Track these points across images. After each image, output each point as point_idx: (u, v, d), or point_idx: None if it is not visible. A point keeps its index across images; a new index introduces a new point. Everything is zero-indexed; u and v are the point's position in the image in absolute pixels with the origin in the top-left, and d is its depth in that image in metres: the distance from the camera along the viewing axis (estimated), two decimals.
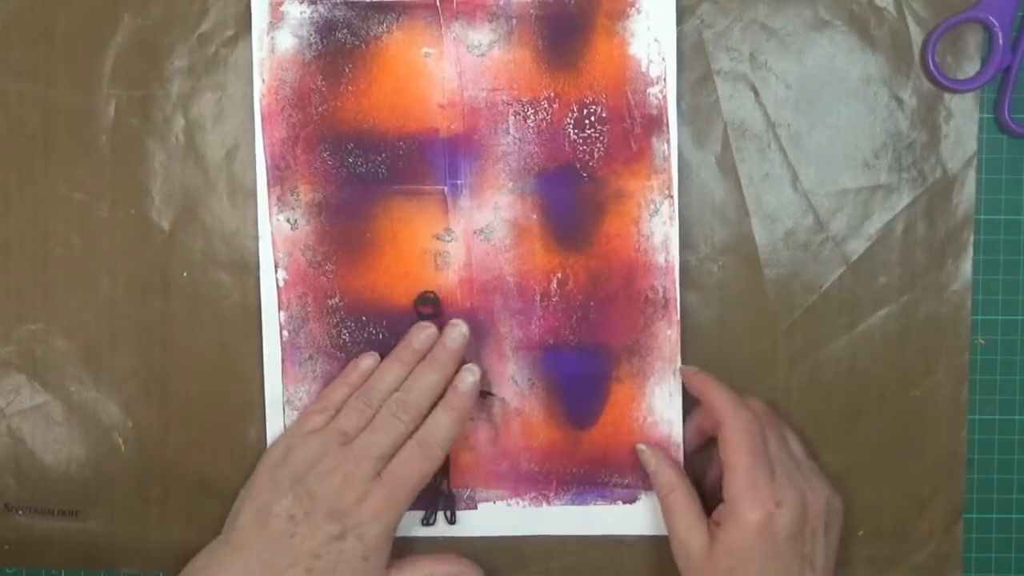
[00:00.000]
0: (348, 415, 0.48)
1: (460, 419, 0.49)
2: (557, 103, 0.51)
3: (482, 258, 0.51)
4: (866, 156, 0.51)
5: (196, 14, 0.51)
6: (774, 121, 0.51)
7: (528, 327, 0.51)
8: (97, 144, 0.52)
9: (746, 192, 0.52)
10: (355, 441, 0.47)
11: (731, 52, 0.51)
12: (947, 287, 0.52)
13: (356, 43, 0.51)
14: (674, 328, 0.51)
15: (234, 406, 0.52)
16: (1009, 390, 0.53)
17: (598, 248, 0.51)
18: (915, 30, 0.51)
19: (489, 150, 0.51)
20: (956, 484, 0.52)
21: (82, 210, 0.52)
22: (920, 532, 0.52)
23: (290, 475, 0.47)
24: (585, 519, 0.52)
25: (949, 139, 0.51)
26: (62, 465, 0.53)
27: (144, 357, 0.53)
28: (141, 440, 0.53)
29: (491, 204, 0.51)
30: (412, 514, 0.52)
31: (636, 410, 0.51)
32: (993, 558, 0.53)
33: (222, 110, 0.52)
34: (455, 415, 0.48)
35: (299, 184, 0.51)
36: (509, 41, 0.51)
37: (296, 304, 0.52)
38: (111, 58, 0.52)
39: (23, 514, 0.53)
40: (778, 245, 0.52)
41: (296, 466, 0.47)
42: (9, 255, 0.52)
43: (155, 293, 0.52)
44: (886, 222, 0.52)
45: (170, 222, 0.52)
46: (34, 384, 0.53)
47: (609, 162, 0.51)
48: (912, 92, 0.51)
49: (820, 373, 0.52)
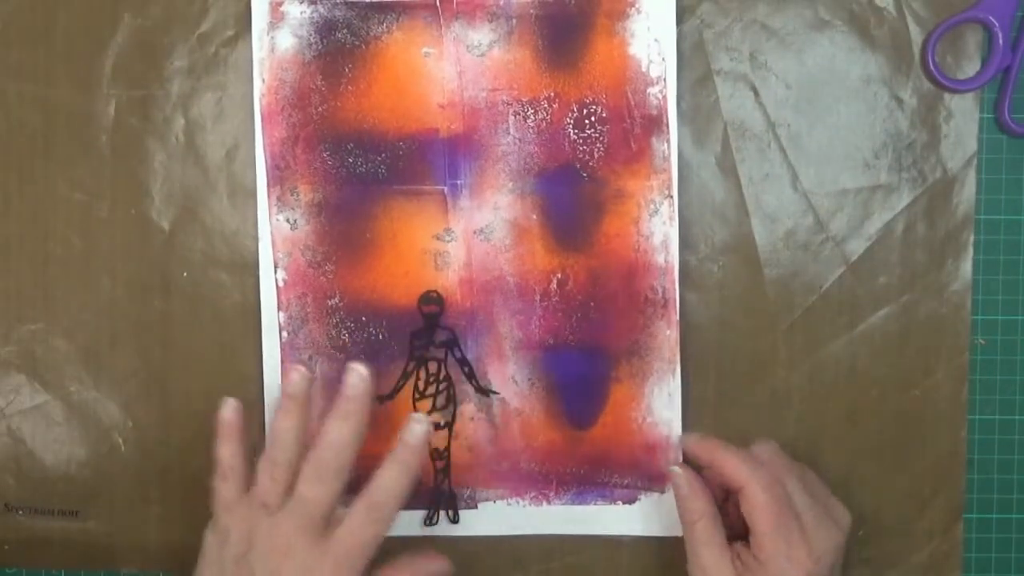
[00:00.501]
0: (263, 484, 0.45)
1: (411, 473, 0.45)
2: (557, 103, 0.51)
3: (482, 258, 0.51)
4: (866, 156, 0.51)
5: (196, 14, 0.51)
6: (774, 121, 0.51)
7: (528, 327, 0.51)
8: (97, 144, 0.52)
9: (746, 192, 0.52)
10: (284, 509, 0.44)
11: (731, 52, 0.51)
12: (947, 287, 0.52)
13: (356, 43, 0.51)
14: (674, 328, 0.51)
15: None
16: (1009, 390, 0.53)
17: (598, 248, 0.51)
18: (915, 30, 0.51)
19: (489, 150, 0.51)
20: (956, 484, 0.52)
21: (82, 210, 0.52)
22: (920, 532, 0.52)
23: (232, 556, 0.44)
24: (585, 519, 0.52)
25: (949, 139, 0.51)
26: (62, 465, 0.53)
27: (144, 357, 0.53)
28: (141, 440, 0.53)
29: (491, 204, 0.51)
30: (413, 514, 0.52)
31: (636, 410, 0.51)
32: (993, 558, 0.53)
33: (222, 110, 0.52)
34: (405, 469, 0.45)
35: (299, 184, 0.51)
36: (509, 41, 0.51)
37: (296, 304, 0.52)
38: (111, 58, 0.52)
39: (23, 514, 0.53)
40: (778, 245, 0.52)
41: (235, 545, 0.44)
42: (9, 255, 0.52)
43: (155, 293, 0.52)
44: (886, 222, 0.52)
45: (170, 222, 0.52)
46: (34, 384, 0.53)
47: (609, 162, 0.51)
48: (912, 92, 0.51)
49: (820, 373, 0.52)
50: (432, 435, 0.49)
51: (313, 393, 0.48)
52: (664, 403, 0.51)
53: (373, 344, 0.52)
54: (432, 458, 0.52)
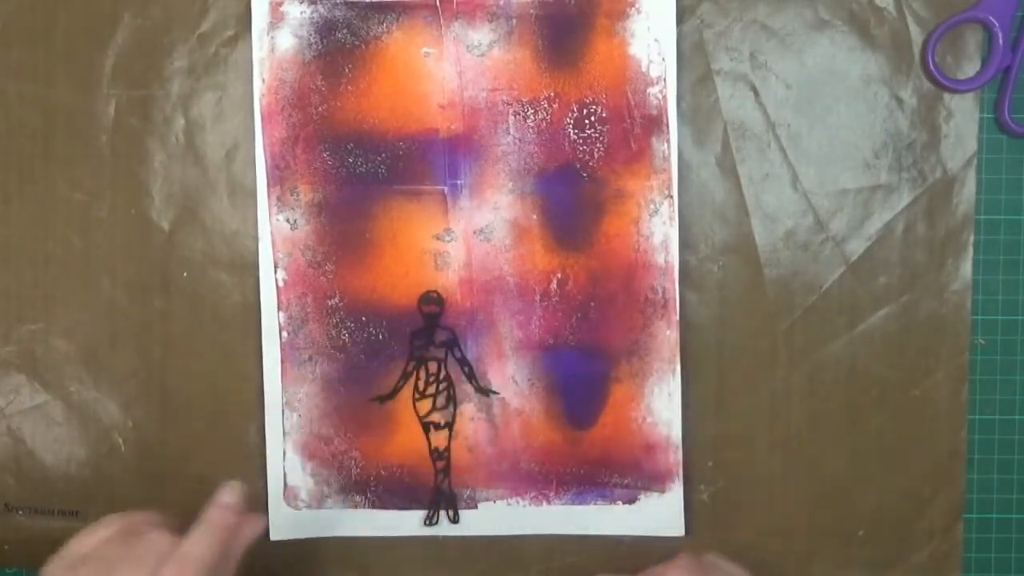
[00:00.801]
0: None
1: (221, 538, 0.45)
2: (557, 103, 0.51)
3: (482, 258, 0.51)
4: (866, 156, 0.51)
5: (196, 14, 0.51)
6: (774, 121, 0.51)
7: (528, 327, 0.51)
8: (97, 144, 0.52)
9: (746, 192, 0.52)
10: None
11: (731, 52, 0.51)
12: (947, 287, 0.52)
13: (356, 43, 0.51)
14: (673, 328, 0.51)
15: (234, 406, 0.52)
16: (1009, 390, 0.53)
17: (598, 248, 0.51)
18: (915, 30, 0.51)
19: (489, 150, 0.51)
20: (956, 484, 0.52)
21: (82, 210, 0.52)
22: (920, 532, 0.52)
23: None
24: (585, 519, 0.52)
25: (949, 139, 0.51)
26: (62, 465, 0.53)
27: (144, 357, 0.53)
28: (141, 440, 0.53)
29: (491, 204, 0.51)
30: (413, 514, 0.52)
31: (635, 410, 0.51)
32: (993, 558, 0.53)
33: (222, 110, 0.52)
34: (215, 532, 0.45)
35: (299, 184, 0.51)
36: (509, 41, 0.51)
37: (296, 304, 0.52)
38: (111, 58, 0.52)
39: (23, 514, 0.53)
40: (778, 245, 0.52)
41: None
42: (9, 255, 0.52)
43: (155, 293, 0.52)
44: (886, 222, 0.52)
45: (170, 222, 0.52)
46: (34, 384, 0.53)
47: (609, 162, 0.51)
48: (912, 92, 0.51)
49: (820, 373, 0.52)
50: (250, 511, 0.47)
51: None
52: (664, 403, 0.51)
53: (373, 344, 0.52)
54: (432, 458, 0.52)
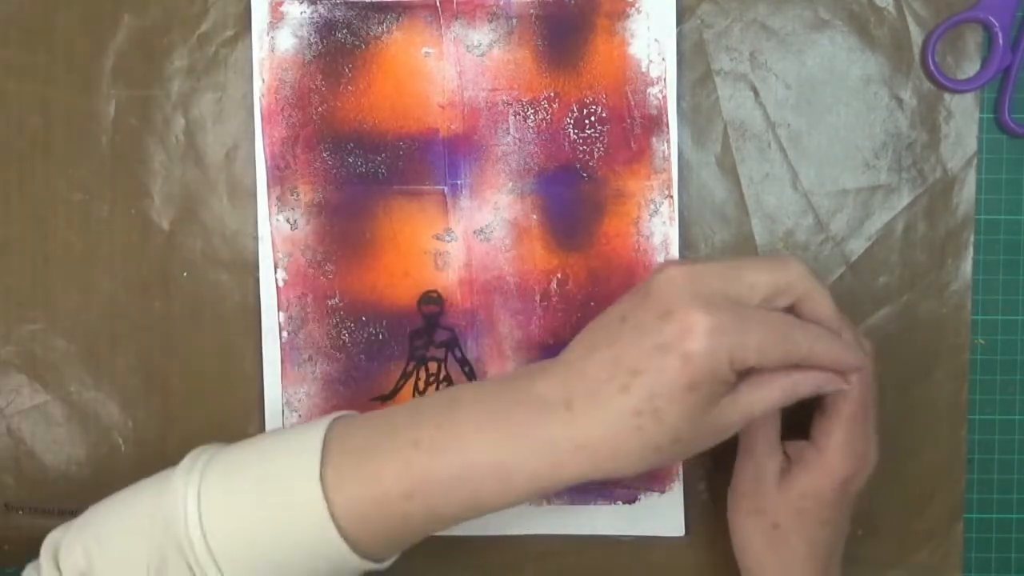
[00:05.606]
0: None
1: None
2: (557, 103, 0.51)
3: (482, 258, 0.51)
4: (866, 156, 0.51)
5: (196, 14, 0.51)
6: (774, 121, 0.51)
7: (528, 327, 0.51)
8: (97, 144, 0.52)
9: (746, 192, 0.52)
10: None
11: (731, 52, 0.51)
12: (947, 287, 0.52)
13: (356, 43, 0.51)
14: None
15: (234, 406, 0.52)
16: (1009, 390, 0.53)
17: (598, 248, 0.51)
18: (915, 30, 0.51)
19: (489, 150, 0.51)
20: (956, 484, 0.52)
21: (82, 210, 0.52)
22: (920, 532, 0.52)
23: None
24: (585, 519, 0.52)
25: (949, 139, 0.51)
26: (62, 465, 0.53)
27: (144, 357, 0.53)
28: (141, 440, 0.53)
29: (491, 204, 0.51)
30: None
31: None
32: (993, 558, 0.53)
33: (222, 110, 0.52)
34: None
35: (299, 184, 0.51)
36: (509, 41, 0.51)
37: (296, 304, 0.52)
38: (111, 58, 0.52)
39: (23, 514, 0.53)
40: (778, 245, 0.52)
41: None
42: (9, 255, 0.52)
43: (155, 293, 0.52)
44: (886, 222, 0.52)
45: (170, 222, 0.52)
46: (34, 384, 0.53)
47: (609, 162, 0.51)
48: (912, 92, 0.51)
49: None
50: None
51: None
52: None
53: (373, 344, 0.52)
54: None
